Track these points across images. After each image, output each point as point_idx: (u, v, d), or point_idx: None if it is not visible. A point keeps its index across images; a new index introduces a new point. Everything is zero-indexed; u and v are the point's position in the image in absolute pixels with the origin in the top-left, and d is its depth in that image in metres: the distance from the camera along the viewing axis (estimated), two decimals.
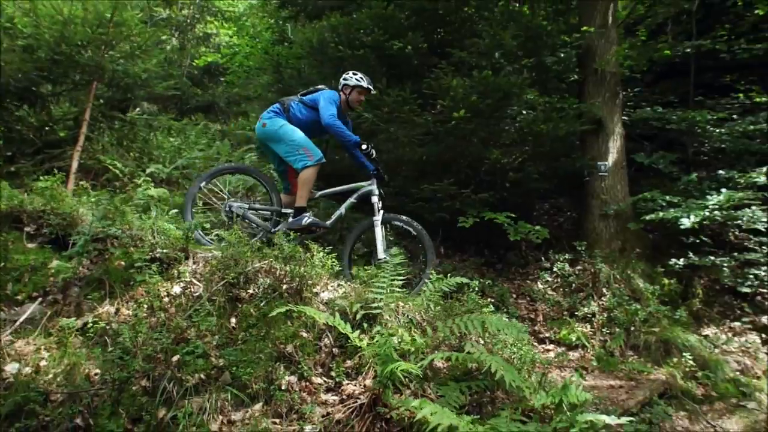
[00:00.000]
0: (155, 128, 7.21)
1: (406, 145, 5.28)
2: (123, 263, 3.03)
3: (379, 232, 4.09)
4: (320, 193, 4.39)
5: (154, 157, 6.63)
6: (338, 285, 3.19)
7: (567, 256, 5.30)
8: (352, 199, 4.33)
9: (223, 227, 3.95)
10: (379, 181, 4.32)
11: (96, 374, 2.20)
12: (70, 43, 5.16)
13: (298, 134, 4.08)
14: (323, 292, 3.03)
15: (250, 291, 2.89)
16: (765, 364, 4.29)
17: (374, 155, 4.27)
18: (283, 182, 4.51)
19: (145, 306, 2.67)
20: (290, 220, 4.10)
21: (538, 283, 5.20)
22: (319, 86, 4.42)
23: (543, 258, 5.51)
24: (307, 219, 4.01)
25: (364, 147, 4.17)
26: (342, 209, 4.31)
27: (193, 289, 2.76)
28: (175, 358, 2.24)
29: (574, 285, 4.99)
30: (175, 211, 4.34)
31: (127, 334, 2.26)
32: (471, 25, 5.78)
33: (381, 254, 3.97)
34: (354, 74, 4.29)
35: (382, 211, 4.19)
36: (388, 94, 5.18)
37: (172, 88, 7.88)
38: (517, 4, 6.18)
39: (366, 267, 3.61)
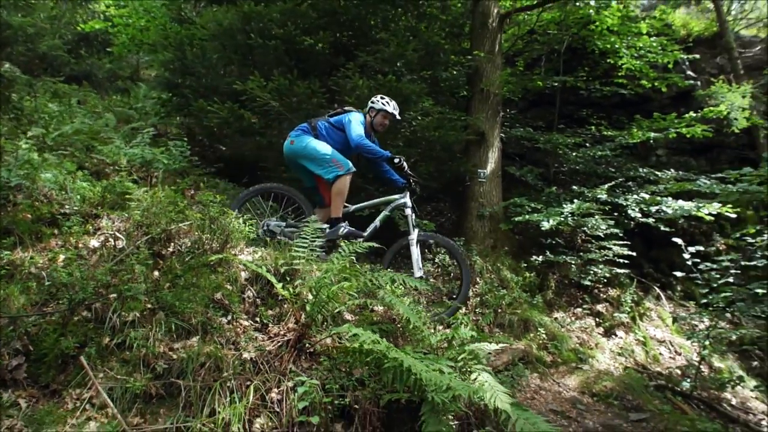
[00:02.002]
0: (36, 90, 6.62)
1: None
2: (29, 216, 2.97)
3: (415, 251, 4.17)
4: (355, 206, 4.38)
5: (34, 121, 6.13)
6: (254, 250, 3.40)
7: None
8: (386, 212, 4.41)
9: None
10: (411, 194, 4.43)
11: (24, 307, 2.20)
12: None
13: (326, 147, 4.10)
14: (241, 254, 3.23)
15: (171, 249, 3.01)
16: (596, 339, 5.31)
17: (406, 168, 4.31)
18: (316, 197, 4.47)
19: (62, 256, 2.67)
20: (327, 231, 4.06)
21: None
22: (347, 107, 4.49)
23: (426, 250, 6.10)
24: (343, 229, 4.05)
25: (396, 161, 4.23)
26: (377, 222, 4.36)
27: (116, 243, 2.80)
28: (112, 295, 2.32)
29: (452, 274, 5.62)
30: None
31: (63, 273, 2.29)
32: (376, 33, 6.25)
33: (417, 273, 4.07)
34: (381, 98, 4.41)
35: (417, 229, 4.31)
36: (297, 85, 5.34)
37: (59, 49, 7.28)
38: (415, 22, 6.78)
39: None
